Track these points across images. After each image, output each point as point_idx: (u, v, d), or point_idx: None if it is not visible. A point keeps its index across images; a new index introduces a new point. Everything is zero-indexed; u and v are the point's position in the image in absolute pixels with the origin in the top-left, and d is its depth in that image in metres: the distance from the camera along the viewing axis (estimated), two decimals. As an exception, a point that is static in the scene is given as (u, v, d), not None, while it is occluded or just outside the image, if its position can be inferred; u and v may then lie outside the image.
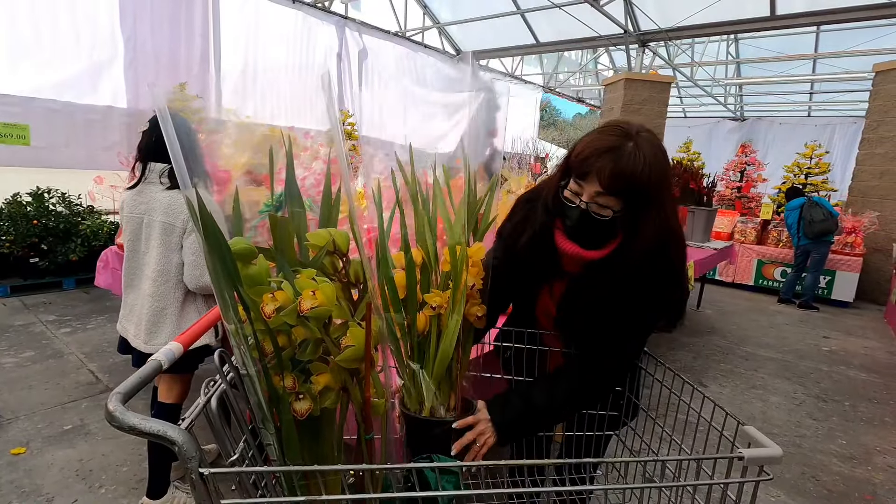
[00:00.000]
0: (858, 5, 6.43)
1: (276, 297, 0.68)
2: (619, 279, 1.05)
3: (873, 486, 2.44)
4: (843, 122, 12.81)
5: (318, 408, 0.75)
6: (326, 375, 0.74)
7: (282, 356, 0.72)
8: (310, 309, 0.67)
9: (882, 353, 4.46)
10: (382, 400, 0.80)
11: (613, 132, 0.98)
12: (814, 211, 5.51)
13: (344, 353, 0.73)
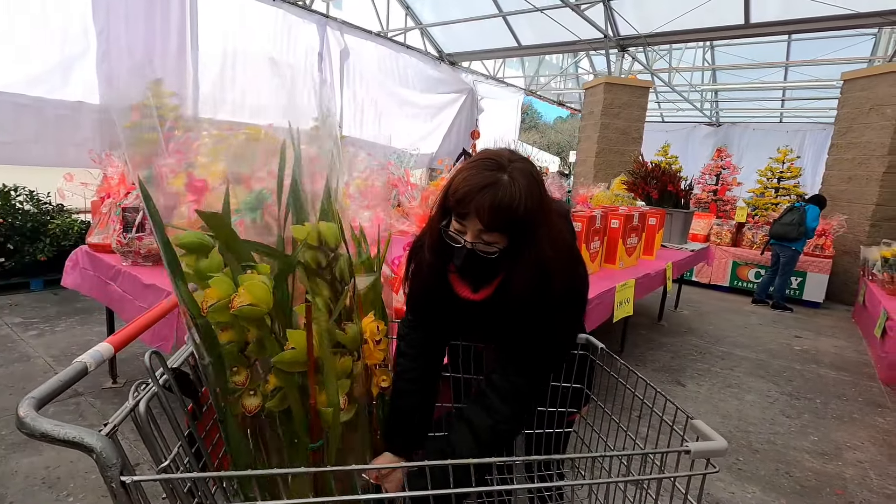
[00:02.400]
0: (828, 15, 6.64)
1: (209, 294, 0.66)
2: (507, 315, 1.03)
3: (844, 480, 2.50)
4: (813, 128, 13.20)
5: (267, 407, 0.72)
6: (274, 377, 0.72)
7: (222, 351, 0.69)
8: (238, 307, 0.64)
9: (850, 352, 4.60)
10: (331, 409, 0.75)
11: (487, 166, 0.94)
12: (787, 215, 5.66)
13: (282, 354, 0.70)
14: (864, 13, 6.44)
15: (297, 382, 0.70)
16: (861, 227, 6.34)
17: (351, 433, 0.85)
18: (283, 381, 0.70)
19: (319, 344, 0.70)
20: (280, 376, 0.70)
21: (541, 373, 1.07)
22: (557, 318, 1.03)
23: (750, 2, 6.79)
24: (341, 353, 0.75)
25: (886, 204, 6.20)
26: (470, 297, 1.06)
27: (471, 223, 0.94)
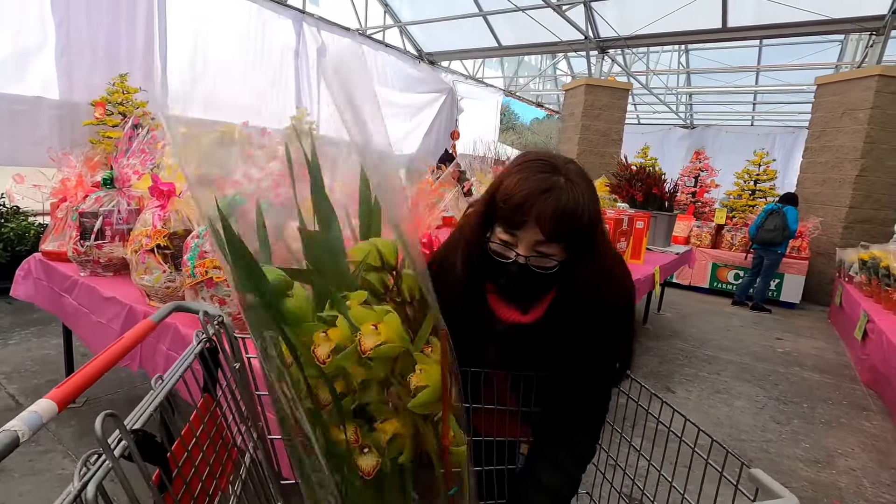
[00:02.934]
0: (801, 21, 6.77)
1: (329, 337, 0.54)
2: (560, 338, 0.91)
3: (839, 490, 2.47)
4: (782, 131, 13.55)
5: (386, 462, 0.59)
6: (394, 422, 0.59)
7: (341, 406, 0.56)
8: (373, 348, 0.53)
9: (830, 353, 4.65)
10: (463, 447, 0.62)
11: (541, 168, 0.83)
12: (770, 220, 5.70)
13: (418, 397, 0.57)
14: (836, 19, 6.58)
15: (423, 424, 0.59)
16: (835, 228, 6.46)
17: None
18: (412, 426, 0.58)
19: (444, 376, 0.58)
20: (407, 421, 0.58)
21: (606, 402, 0.98)
22: (618, 335, 0.94)
23: (728, 6, 6.87)
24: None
25: (859, 206, 6.34)
26: (517, 320, 0.92)
27: (526, 234, 0.82)
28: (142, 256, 1.70)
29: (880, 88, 6.05)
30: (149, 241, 1.70)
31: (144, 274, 1.72)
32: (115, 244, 2.09)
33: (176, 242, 1.68)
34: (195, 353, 0.79)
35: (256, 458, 0.96)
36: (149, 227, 1.72)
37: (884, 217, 6.39)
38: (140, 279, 1.73)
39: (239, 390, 0.93)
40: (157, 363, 1.70)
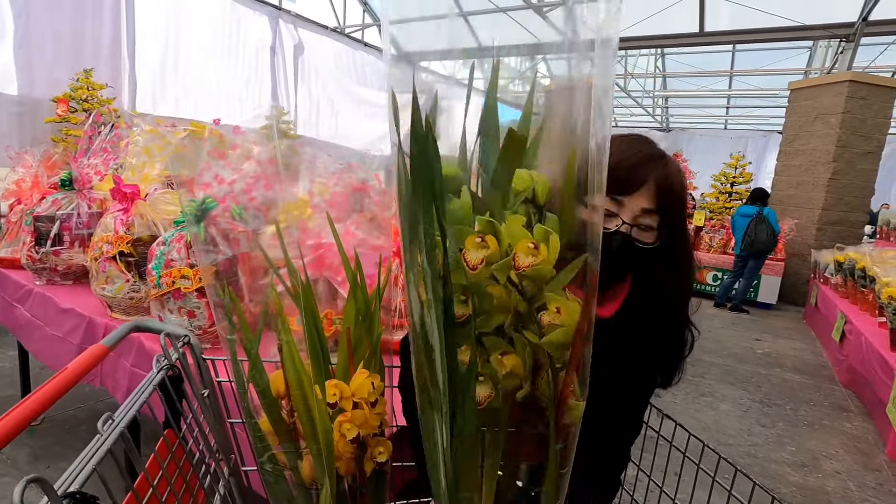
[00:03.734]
0: (774, 27, 6.90)
1: (485, 243, 0.49)
2: (631, 336, 0.84)
3: (827, 494, 2.46)
4: (754, 134, 13.89)
5: (499, 396, 0.54)
6: (513, 357, 0.53)
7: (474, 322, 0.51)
8: (529, 266, 0.48)
9: (808, 353, 4.71)
10: (581, 404, 0.55)
11: (644, 140, 0.83)
12: (759, 229, 5.68)
13: (550, 335, 0.51)
14: (808, 25, 6.73)
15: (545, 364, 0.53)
16: (809, 230, 6.59)
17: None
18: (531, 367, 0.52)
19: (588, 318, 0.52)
20: (528, 361, 0.53)
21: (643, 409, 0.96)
22: (679, 332, 0.89)
23: (705, 10, 6.95)
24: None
25: (831, 209, 6.48)
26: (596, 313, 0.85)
27: (634, 200, 0.78)
28: (102, 264, 1.56)
29: (851, 94, 6.20)
30: (110, 248, 1.55)
31: (105, 283, 1.57)
32: (75, 250, 1.93)
33: (140, 249, 1.54)
34: (154, 383, 0.68)
35: (229, 497, 0.85)
36: (110, 232, 1.58)
37: (854, 219, 6.55)
38: (101, 289, 1.59)
39: (207, 421, 0.82)
40: (119, 381, 1.56)
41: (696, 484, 0.90)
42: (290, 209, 1.15)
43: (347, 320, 0.77)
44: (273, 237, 1.01)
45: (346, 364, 0.76)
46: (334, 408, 0.71)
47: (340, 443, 0.71)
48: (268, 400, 0.74)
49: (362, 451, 0.76)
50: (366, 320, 0.78)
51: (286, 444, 0.76)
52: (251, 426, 0.77)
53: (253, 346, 0.74)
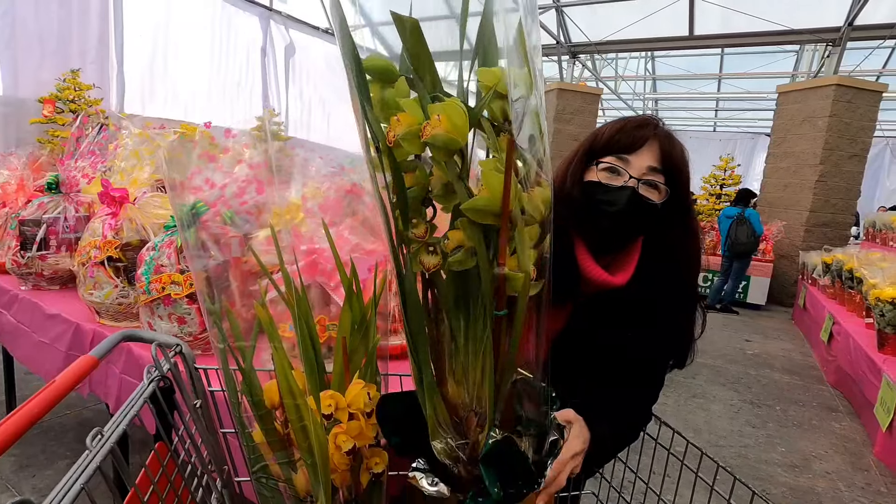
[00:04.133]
0: (764, 31, 6.98)
1: (400, 120, 0.56)
2: (641, 305, 0.89)
3: (818, 495, 2.48)
4: (742, 137, 14.04)
5: (447, 266, 0.59)
6: (458, 233, 0.59)
7: (406, 196, 0.58)
8: (432, 135, 0.54)
9: (797, 354, 4.76)
10: (521, 276, 0.59)
11: (645, 116, 0.91)
12: (740, 230, 5.75)
13: (474, 199, 0.56)
14: (796, 30, 6.82)
15: (481, 240, 0.58)
16: (797, 232, 6.67)
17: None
18: (469, 236, 0.58)
19: (515, 196, 0.57)
20: (466, 230, 0.58)
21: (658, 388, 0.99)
22: (690, 307, 0.94)
23: (695, 15, 7.02)
24: (527, 222, 0.60)
25: (819, 210, 6.56)
26: (604, 279, 0.89)
27: (640, 157, 0.85)
28: (90, 270, 1.53)
29: (837, 97, 6.28)
30: (98, 253, 1.52)
31: (93, 289, 1.54)
32: (61, 255, 1.89)
33: (129, 254, 1.51)
34: (144, 395, 0.66)
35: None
36: (98, 237, 1.55)
37: (841, 220, 6.64)
38: (88, 295, 1.56)
39: (199, 432, 0.81)
40: (110, 388, 1.52)
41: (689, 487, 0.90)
42: (282, 213, 1.14)
43: (343, 329, 0.76)
44: (264, 242, 1.00)
45: (342, 374, 0.75)
46: (329, 419, 0.70)
47: (336, 455, 0.70)
48: (261, 411, 0.73)
49: (358, 462, 0.75)
50: (361, 329, 0.77)
51: (280, 455, 0.75)
52: (245, 437, 0.76)
53: (247, 359, 0.73)
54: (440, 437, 0.65)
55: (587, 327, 0.93)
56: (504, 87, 0.57)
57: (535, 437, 0.69)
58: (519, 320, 0.61)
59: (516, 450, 0.64)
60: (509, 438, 0.63)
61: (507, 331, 0.62)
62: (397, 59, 0.61)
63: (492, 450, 0.62)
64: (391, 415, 0.73)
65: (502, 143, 0.57)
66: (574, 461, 0.73)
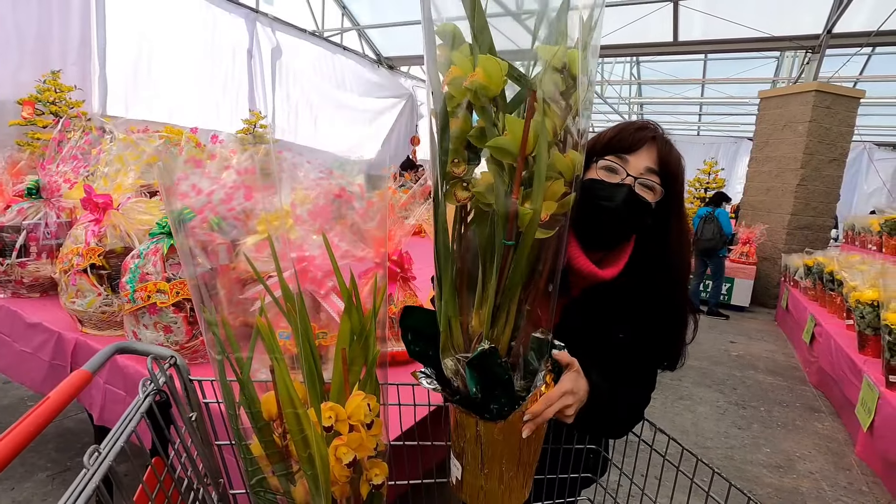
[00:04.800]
0: (746, 37, 7.12)
1: (451, 71, 0.65)
2: (630, 303, 0.92)
3: (802, 495, 2.52)
4: (725, 140, 14.26)
5: (475, 202, 0.69)
6: (489, 175, 0.68)
7: (449, 136, 0.67)
8: (472, 81, 0.63)
9: (780, 355, 4.85)
10: (530, 213, 0.66)
11: (645, 120, 0.95)
12: (706, 227, 5.82)
13: (497, 138, 0.65)
14: (776, 37, 6.97)
15: (505, 179, 0.67)
16: (779, 234, 6.80)
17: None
18: (493, 172, 0.68)
19: (535, 139, 0.64)
20: (491, 166, 0.68)
21: (650, 387, 1.00)
22: (681, 308, 0.96)
23: (679, 21, 7.13)
24: (553, 179, 0.68)
25: (800, 214, 6.70)
26: (594, 272, 0.91)
27: (639, 157, 0.89)
28: (72, 277, 1.49)
29: (817, 103, 6.43)
30: (81, 261, 1.49)
31: (76, 297, 1.51)
32: (42, 261, 1.85)
33: (113, 262, 1.48)
34: (141, 409, 0.65)
35: (216, 523, 0.81)
36: (81, 244, 1.51)
37: (821, 224, 6.79)
38: (70, 303, 1.52)
39: (195, 445, 0.79)
40: (94, 398, 1.49)
41: (683, 492, 0.91)
42: (271, 220, 1.12)
43: (342, 340, 0.75)
44: (252, 249, 0.99)
45: (342, 385, 0.74)
46: (329, 431, 0.69)
47: (336, 467, 0.69)
48: (259, 423, 0.72)
49: (358, 474, 0.75)
50: (361, 339, 0.76)
51: (279, 468, 0.74)
52: (242, 450, 0.75)
53: (244, 370, 0.72)
54: (450, 354, 0.73)
55: (580, 325, 0.94)
56: (559, 62, 0.65)
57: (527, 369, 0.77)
58: (523, 253, 0.68)
59: (499, 362, 0.70)
60: (494, 349, 0.69)
61: (512, 259, 0.69)
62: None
63: (479, 357, 0.69)
64: (412, 325, 0.81)
65: (547, 108, 0.64)
66: (563, 400, 0.75)
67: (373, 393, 0.76)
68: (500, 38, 0.68)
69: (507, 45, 0.70)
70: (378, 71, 9.26)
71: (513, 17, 0.75)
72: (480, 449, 0.77)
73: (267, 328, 0.69)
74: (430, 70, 0.67)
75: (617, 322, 0.94)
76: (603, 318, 0.94)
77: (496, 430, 0.74)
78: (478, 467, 0.78)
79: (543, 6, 0.69)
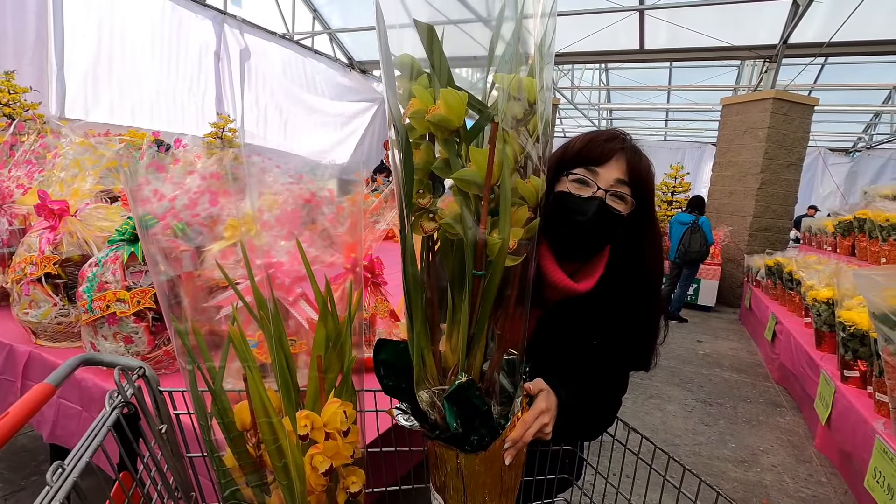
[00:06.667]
0: (707, 46, 7.39)
1: (413, 104, 0.65)
2: (606, 313, 0.93)
3: (765, 488, 2.61)
4: (691, 146, 14.72)
5: (442, 232, 0.69)
6: (454, 204, 0.68)
7: (413, 167, 0.67)
8: (433, 114, 0.63)
9: (744, 353, 5.02)
10: (499, 242, 0.66)
11: (614, 130, 0.95)
12: (693, 238, 5.82)
13: (462, 170, 0.65)
14: (736, 46, 7.25)
15: (472, 209, 0.68)
16: (742, 236, 7.06)
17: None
18: (459, 203, 0.68)
19: (499, 169, 0.65)
20: (458, 198, 0.68)
21: (621, 390, 1.03)
22: (655, 311, 0.98)
23: (644, 30, 7.34)
24: (518, 205, 0.69)
25: (761, 216, 6.97)
26: (569, 285, 0.91)
27: (608, 169, 0.89)
28: (25, 287, 1.43)
29: (775, 110, 6.71)
30: (35, 270, 1.43)
31: (29, 308, 1.44)
32: (-6, 270, 1.76)
33: (70, 271, 1.43)
34: (108, 423, 0.63)
35: (187, 538, 0.79)
36: (35, 252, 1.45)
37: (781, 226, 7.08)
38: (24, 314, 1.45)
39: (165, 458, 0.77)
40: (44, 413, 1.43)
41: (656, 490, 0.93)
42: (238, 225, 1.11)
43: (317, 347, 0.74)
44: (218, 255, 0.97)
45: (317, 393, 0.73)
46: (305, 440, 0.69)
47: (312, 476, 0.68)
48: (232, 434, 0.71)
49: (334, 482, 0.74)
50: (336, 346, 0.76)
51: (252, 478, 0.73)
52: (215, 461, 0.73)
53: (217, 380, 0.71)
54: (425, 387, 0.72)
55: (555, 335, 0.96)
56: (515, 90, 0.65)
57: (504, 396, 0.77)
58: (494, 282, 0.68)
59: (478, 394, 0.70)
60: (472, 382, 0.69)
61: (483, 290, 0.69)
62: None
63: (456, 390, 0.68)
64: (384, 360, 0.79)
65: (507, 136, 0.65)
66: (539, 420, 0.78)
67: (349, 400, 0.75)
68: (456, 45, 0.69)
69: (466, 52, 0.73)
70: (350, 75, 9.20)
71: (483, 22, 0.78)
72: (462, 481, 0.76)
73: (239, 336, 0.68)
74: (391, 101, 0.67)
75: (592, 330, 0.95)
76: (578, 328, 0.95)
77: (477, 461, 0.75)
78: (461, 500, 0.78)
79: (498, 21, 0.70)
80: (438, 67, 0.68)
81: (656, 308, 0.98)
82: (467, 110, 0.65)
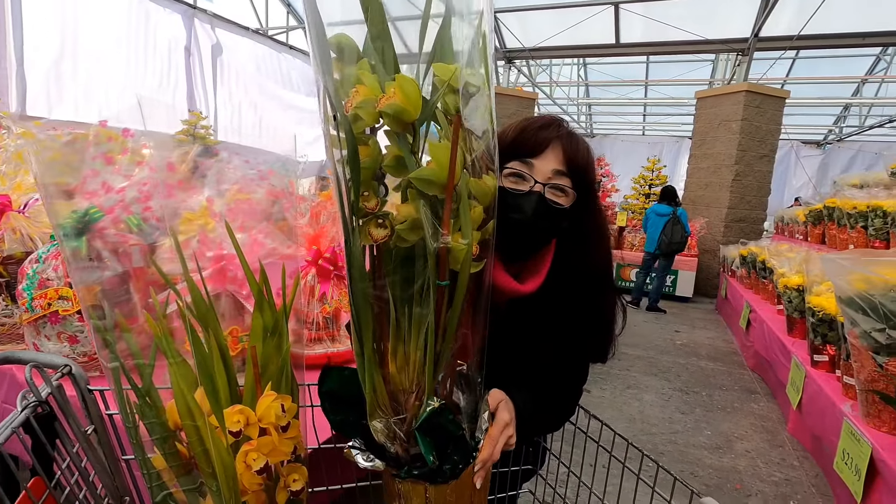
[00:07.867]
0: (682, 40, 7.46)
1: (359, 91, 0.58)
2: (557, 311, 0.89)
3: (739, 473, 2.64)
4: (668, 140, 14.91)
5: (395, 240, 0.62)
6: (409, 207, 0.61)
7: (359, 167, 0.60)
8: (387, 104, 0.56)
9: (720, 342, 5.09)
10: (464, 248, 0.60)
11: (547, 117, 0.89)
12: (675, 230, 5.86)
13: (422, 169, 0.59)
14: (709, 40, 7.34)
15: (427, 211, 0.61)
16: (717, 227, 7.16)
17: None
18: (416, 207, 0.61)
19: (461, 168, 0.59)
20: (414, 201, 0.61)
21: (582, 379, 0.99)
22: (608, 301, 0.93)
23: (620, 24, 7.38)
24: (472, 205, 0.63)
25: (736, 207, 7.08)
26: (515, 288, 0.86)
27: (545, 160, 0.83)
28: (-33, 287, 1.36)
29: (747, 103, 6.82)
30: (-23, 269, 1.36)
31: (-27, 309, 1.38)
32: (-62, 271, 1.68)
33: (12, 269, 1.36)
34: (13, 425, 0.58)
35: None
36: (-12, 251, 1.38)
37: (755, 216, 7.20)
38: (-33, 315, 1.39)
39: (92, 462, 0.72)
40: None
41: (618, 477, 0.92)
42: (193, 218, 1.06)
43: (255, 338, 0.70)
44: (171, 250, 0.92)
45: (254, 386, 0.69)
46: (239, 436, 0.65)
47: (246, 475, 0.64)
48: (158, 434, 0.66)
49: (273, 480, 0.70)
50: (274, 336, 0.72)
51: (185, 481, 0.69)
52: (143, 464, 0.69)
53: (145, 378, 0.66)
54: (379, 416, 0.66)
55: (507, 338, 0.92)
56: (457, 82, 0.60)
57: (468, 415, 0.72)
58: (460, 292, 0.63)
59: (452, 419, 0.65)
60: (444, 406, 0.64)
61: (448, 301, 0.64)
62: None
63: (429, 418, 0.63)
64: (329, 391, 0.73)
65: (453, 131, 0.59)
66: (505, 433, 0.73)
67: (287, 393, 0.71)
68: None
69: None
70: (326, 70, 9.09)
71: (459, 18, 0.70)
72: None
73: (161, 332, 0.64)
74: (330, 88, 0.59)
75: (545, 329, 0.92)
76: (530, 329, 0.91)
77: (448, 490, 0.69)
78: None
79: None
80: (380, 47, 0.62)
81: (610, 299, 0.94)
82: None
